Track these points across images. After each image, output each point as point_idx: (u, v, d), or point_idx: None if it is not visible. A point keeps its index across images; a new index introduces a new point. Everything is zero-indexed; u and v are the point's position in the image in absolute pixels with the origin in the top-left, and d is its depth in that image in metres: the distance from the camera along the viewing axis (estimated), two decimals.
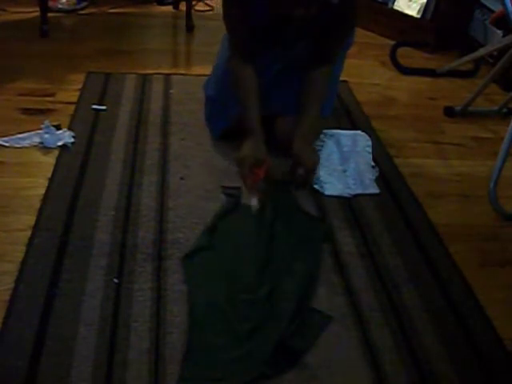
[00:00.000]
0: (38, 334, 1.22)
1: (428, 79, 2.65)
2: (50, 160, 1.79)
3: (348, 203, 1.73)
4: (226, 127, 1.89)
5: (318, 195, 1.75)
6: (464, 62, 2.54)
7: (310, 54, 1.76)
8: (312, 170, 1.71)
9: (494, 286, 1.50)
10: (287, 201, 1.68)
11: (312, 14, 1.48)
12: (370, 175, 1.84)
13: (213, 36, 2.29)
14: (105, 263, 1.41)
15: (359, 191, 1.78)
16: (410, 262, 1.53)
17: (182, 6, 3.03)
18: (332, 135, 1.96)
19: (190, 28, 2.90)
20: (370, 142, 1.96)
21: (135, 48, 2.69)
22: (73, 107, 2.08)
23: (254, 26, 1.67)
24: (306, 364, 1.21)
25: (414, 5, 3.00)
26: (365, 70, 2.70)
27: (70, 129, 1.92)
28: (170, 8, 3.18)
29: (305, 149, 1.71)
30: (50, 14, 2.74)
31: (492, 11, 2.80)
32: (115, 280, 1.37)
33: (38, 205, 1.59)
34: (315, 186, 1.77)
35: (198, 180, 1.76)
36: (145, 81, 2.32)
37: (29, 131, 1.89)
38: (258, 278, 1.40)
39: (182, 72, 2.46)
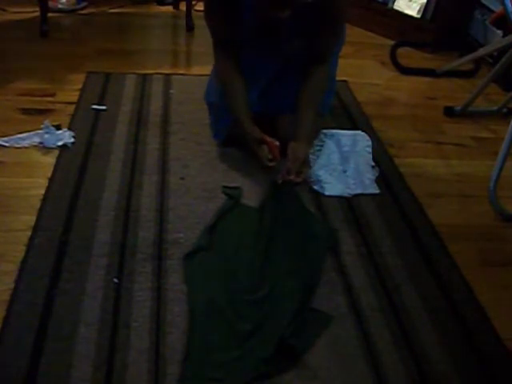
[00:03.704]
0: (38, 333, 1.22)
1: (428, 79, 2.65)
2: (50, 160, 1.79)
3: (348, 203, 1.73)
4: (229, 131, 1.89)
5: (318, 195, 1.75)
6: (464, 61, 2.54)
7: (306, 55, 1.77)
8: (304, 162, 1.74)
9: (494, 286, 1.50)
10: (289, 200, 1.68)
11: (287, 14, 1.51)
12: (369, 175, 1.84)
13: None
14: (105, 263, 1.41)
15: (359, 191, 1.78)
16: (410, 262, 1.53)
17: (182, 6, 3.03)
18: (332, 135, 1.96)
19: (190, 28, 2.90)
20: (369, 142, 1.97)
21: (135, 48, 2.69)
22: (73, 107, 2.08)
23: (244, 27, 1.68)
24: (306, 364, 1.21)
25: (414, 5, 3.00)
26: (365, 70, 2.70)
27: (69, 129, 1.92)
28: (170, 8, 3.19)
29: (302, 147, 1.74)
30: (50, 14, 2.74)
31: (492, 11, 2.80)
32: (115, 280, 1.37)
33: (38, 205, 1.59)
34: (315, 187, 1.77)
35: (198, 180, 1.76)
36: (145, 81, 2.32)
37: (29, 131, 1.89)
38: (259, 277, 1.40)
39: (182, 72, 2.47)
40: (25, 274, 1.36)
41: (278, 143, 1.72)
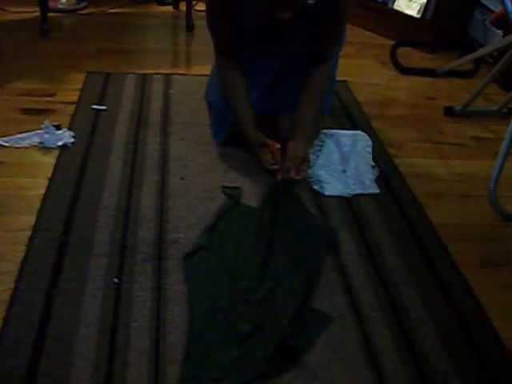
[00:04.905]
0: (38, 333, 1.22)
1: (428, 79, 2.65)
2: (50, 160, 1.79)
3: (348, 203, 1.73)
4: (229, 131, 1.88)
5: (318, 195, 1.75)
6: (464, 62, 2.54)
7: (306, 55, 1.77)
8: (303, 160, 1.73)
9: (493, 286, 1.50)
10: (289, 200, 1.67)
11: (289, 15, 1.51)
12: (370, 175, 1.84)
13: None
14: (105, 263, 1.41)
15: (359, 191, 1.78)
16: (410, 262, 1.53)
17: (182, 6, 3.03)
18: (332, 135, 1.96)
19: (190, 28, 2.90)
20: (370, 142, 1.97)
21: (135, 48, 2.69)
22: (73, 107, 2.08)
23: (245, 27, 1.68)
24: (305, 364, 1.21)
25: (414, 5, 3.00)
26: (365, 70, 2.70)
27: (69, 129, 1.92)
28: (170, 8, 3.19)
29: (301, 145, 1.74)
30: (50, 14, 2.74)
31: (492, 11, 2.80)
32: (115, 280, 1.37)
33: (38, 205, 1.59)
34: (315, 187, 1.77)
35: (198, 180, 1.76)
36: (145, 81, 2.32)
37: (29, 131, 1.89)
38: (259, 277, 1.40)
39: (182, 72, 2.46)
40: (25, 274, 1.36)
41: (279, 146, 1.73)
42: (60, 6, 2.98)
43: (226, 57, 1.78)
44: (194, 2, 2.94)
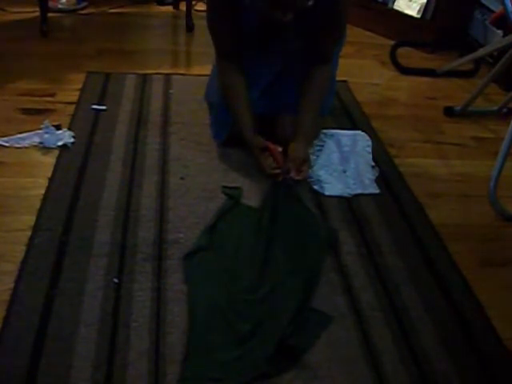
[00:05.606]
0: (38, 333, 1.22)
1: (428, 79, 2.65)
2: (50, 160, 1.79)
3: (348, 203, 1.73)
4: (229, 131, 1.88)
5: (318, 195, 1.75)
6: (464, 61, 2.54)
7: (306, 55, 1.77)
8: (304, 160, 1.72)
9: (493, 286, 1.50)
10: (289, 200, 1.67)
11: (289, 17, 1.51)
12: (370, 175, 1.85)
13: None
14: (105, 263, 1.41)
15: (359, 191, 1.78)
16: (410, 262, 1.53)
17: (182, 6, 3.03)
18: (332, 135, 1.97)
19: (190, 28, 2.90)
20: (369, 142, 1.97)
21: (135, 48, 2.69)
22: (73, 107, 2.08)
23: (245, 27, 1.68)
24: (305, 364, 1.21)
25: (414, 5, 3.00)
26: (365, 70, 2.70)
27: (69, 129, 1.92)
28: (170, 8, 3.19)
29: (302, 147, 1.74)
30: (50, 14, 2.75)
31: (492, 11, 2.80)
32: (115, 280, 1.37)
33: (38, 205, 1.59)
34: (315, 187, 1.77)
35: (197, 180, 1.76)
36: (145, 81, 2.32)
37: (29, 131, 1.89)
38: (259, 277, 1.40)
39: (182, 72, 2.47)
40: (25, 274, 1.36)
41: (280, 149, 1.72)
42: (60, 6, 2.98)
43: (227, 58, 1.78)
44: (193, 2, 2.94)
